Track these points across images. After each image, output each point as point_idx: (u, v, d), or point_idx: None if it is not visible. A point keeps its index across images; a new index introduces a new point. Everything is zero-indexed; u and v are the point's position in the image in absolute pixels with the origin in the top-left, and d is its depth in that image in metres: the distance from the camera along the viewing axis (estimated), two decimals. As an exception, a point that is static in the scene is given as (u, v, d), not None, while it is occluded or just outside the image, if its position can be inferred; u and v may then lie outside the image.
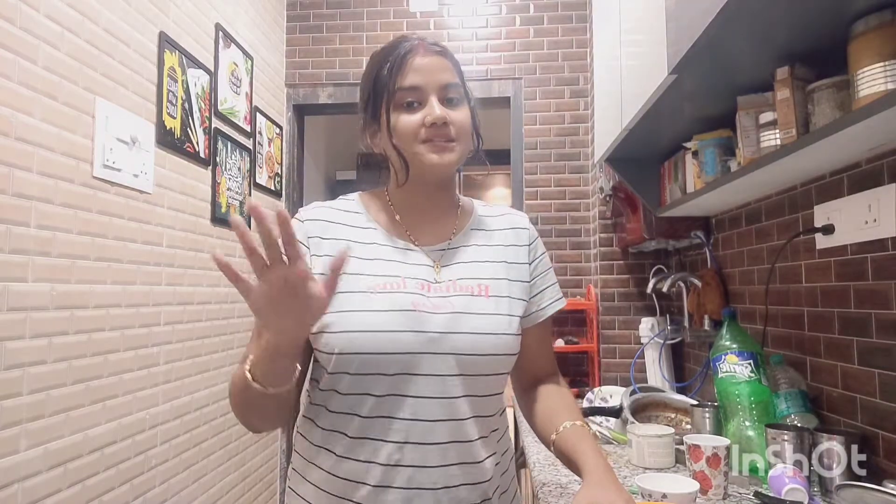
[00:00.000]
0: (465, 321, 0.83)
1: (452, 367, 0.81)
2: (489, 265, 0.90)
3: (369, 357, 0.79)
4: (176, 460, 1.92)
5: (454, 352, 0.81)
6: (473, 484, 0.83)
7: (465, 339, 0.82)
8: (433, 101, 0.84)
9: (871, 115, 0.86)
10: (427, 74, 0.84)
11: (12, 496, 1.30)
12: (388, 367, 0.80)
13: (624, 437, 1.47)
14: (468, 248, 0.91)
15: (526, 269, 0.94)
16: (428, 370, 0.80)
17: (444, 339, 0.81)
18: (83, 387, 1.52)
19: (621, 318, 2.49)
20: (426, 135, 0.83)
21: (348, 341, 0.79)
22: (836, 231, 1.21)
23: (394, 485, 0.79)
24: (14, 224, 1.32)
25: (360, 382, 0.81)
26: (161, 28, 1.88)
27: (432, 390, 0.81)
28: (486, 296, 0.86)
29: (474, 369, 0.83)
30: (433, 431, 0.80)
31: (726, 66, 1.18)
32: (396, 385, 0.80)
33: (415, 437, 0.80)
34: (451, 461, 0.81)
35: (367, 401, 0.81)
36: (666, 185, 1.84)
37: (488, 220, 0.96)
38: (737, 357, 1.31)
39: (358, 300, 0.81)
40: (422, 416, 0.80)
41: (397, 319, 0.80)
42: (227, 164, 2.29)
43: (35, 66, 1.39)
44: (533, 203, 2.72)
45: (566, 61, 2.78)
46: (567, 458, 0.84)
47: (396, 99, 0.84)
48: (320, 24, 2.91)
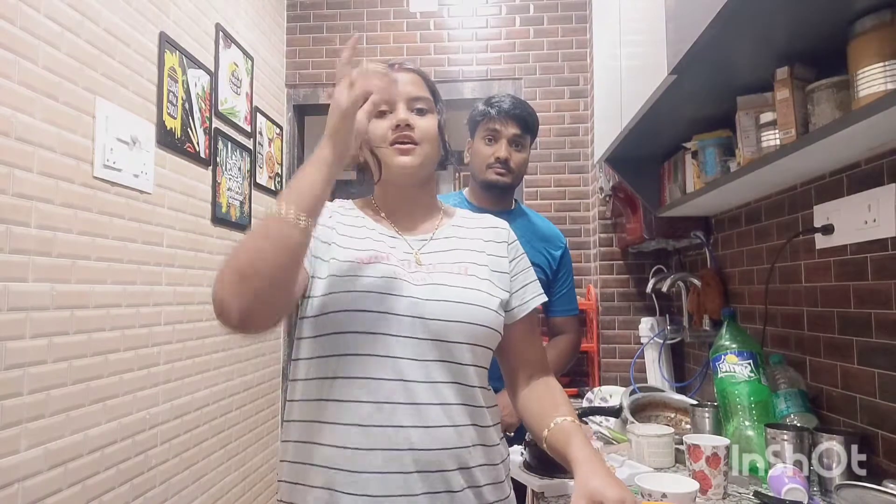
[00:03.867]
0: (441, 291, 0.88)
1: (425, 331, 0.86)
2: (469, 253, 0.96)
3: (353, 314, 0.84)
4: (176, 460, 1.92)
5: (428, 316, 0.86)
6: (450, 449, 0.84)
7: (439, 305, 0.87)
8: (400, 107, 0.93)
9: (870, 115, 0.86)
10: (399, 86, 0.92)
11: (12, 496, 1.30)
12: (370, 326, 0.84)
13: (624, 437, 1.48)
14: (449, 240, 0.98)
15: (506, 263, 0.99)
16: (407, 332, 0.85)
17: (420, 304, 0.86)
18: (83, 387, 1.52)
19: (621, 318, 2.49)
20: (392, 137, 0.92)
21: (335, 301, 0.85)
22: (836, 231, 1.22)
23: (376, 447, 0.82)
24: (14, 224, 1.32)
25: (336, 342, 0.85)
26: (161, 28, 1.89)
27: (411, 352, 0.85)
28: (465, 274, 0.92)
29: (446, 335, 0.86)
30: (412, 392, 0.84)
31: (726, 66, 1.18)
32: (376, 345, 0.84)
33: (396, 398, 0.83)
34: (429, 423, 0.83)
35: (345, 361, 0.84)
36: (666, 185, 1.85)
37: (469, 221, 1.03)
38: (736, 357, 1.31)
39: (346, 267, 0.88)
40: (402, 377, 0.84)
41: (380, 283, 0.86)
42: (228, 164, 2.29)
43: (35, 66, 1.39)
44: (533, 203, 2.72)
45: (566, 61, 2.78)
46: (559, 452, 0.87)
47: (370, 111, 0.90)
48: (320, 25, 2.91)
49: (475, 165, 1.59)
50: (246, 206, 2.45)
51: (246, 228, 2.43)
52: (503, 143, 1.54)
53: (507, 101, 1.55)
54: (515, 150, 1.55)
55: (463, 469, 0.85)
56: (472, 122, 1.61)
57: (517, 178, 1.58)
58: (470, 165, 1.62)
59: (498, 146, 1.54)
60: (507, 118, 1.53)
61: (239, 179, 2.39)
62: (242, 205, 2.41)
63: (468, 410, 0.87)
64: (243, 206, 2.42)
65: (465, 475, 0.85)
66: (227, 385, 2.24)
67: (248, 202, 2.48)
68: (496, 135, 1.54)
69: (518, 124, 1.54)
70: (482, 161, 1.55)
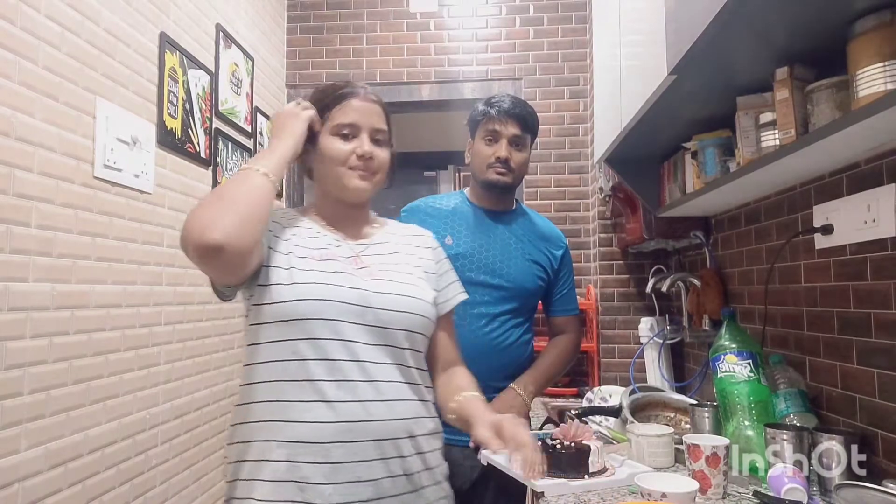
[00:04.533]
0: (385, 285, 1.01)
1: (381, 318, 0.98)
2: (402, 255, 1.10)
3: (306, 303, 0.94)
4: (176, 460, 1.92)
5: (375, 305, 0.98)
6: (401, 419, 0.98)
7: (384, 297, 1.00)
8: (364, 138, 1.04)
9: (870, 115, 0.86)
10: (364, 116, 1.04)
11: (13, 496, 1.30)
12: (326, 313, 0.95)
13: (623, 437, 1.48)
14: (386, 244, 1.10)
15: (433, 265, 1.14)
16: (358, 319, 0.97)
17: (368, 295, 0.98)
18: (84, 387, 1.52)
19: (621, 318, 2.49)
20: (355, 163, 1.03)
21: (293, 290, 0.94)
22: (836, 231, 1.22)
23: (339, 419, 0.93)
24: (15, 224, 1.33)
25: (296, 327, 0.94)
26: (162, 28, 1.89)
27: (363, 337, 0.96)
28: (404, 272, 1.06)
29: (390, 323, 0.99)
30: (367, 370, 0.95)
31: (726, 66, 1.18)
32: (333, 330, 0.95)
33: (354, 376, 0.95)
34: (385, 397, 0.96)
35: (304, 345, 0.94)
36: (665, 186, 1.85)
37: (399, 229, 1.17)
38: (736, 357, 1.31)
39: (303, 263, 0.98)
40: (357, 358, 0.95)
41: (333, 276, 0.98)
42: (228, 164, 2.29)
43: (36, 66, 1.39)
44: (533, 203, 2.72)
45: (566, 62, 2.78)
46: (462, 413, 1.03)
47: (333, 129, 1.04)
48: (321, 25, 2.92)
49: (475, 165, 1.59)
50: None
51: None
52: (503, 142, 1.53)
53: (506, 100, 1.55)
54: (516, 149, 1.55)
55: (411, 437, 0.98)
56: (472, 122, 1.61)
57: (518, 177, 1.58)
58: (470, 165, 1.62)
59: (498, 146, 1.53)
60: (507, 118, 1.53)
61: (239, 179, 2.39)
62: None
63: (411, 388, 1.01)
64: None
65: (413, 443, 0.99)
66: (227, 385, 2.25)
67: (248, 202, 2.48)
68: (496, 135, 1.54)
69: (518, 124, 1.54)
70: (482, 161, 1.55)
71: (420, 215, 1.60)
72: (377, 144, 1.06)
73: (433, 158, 4.33)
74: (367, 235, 1.11)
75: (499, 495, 1.47)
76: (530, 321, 1.63)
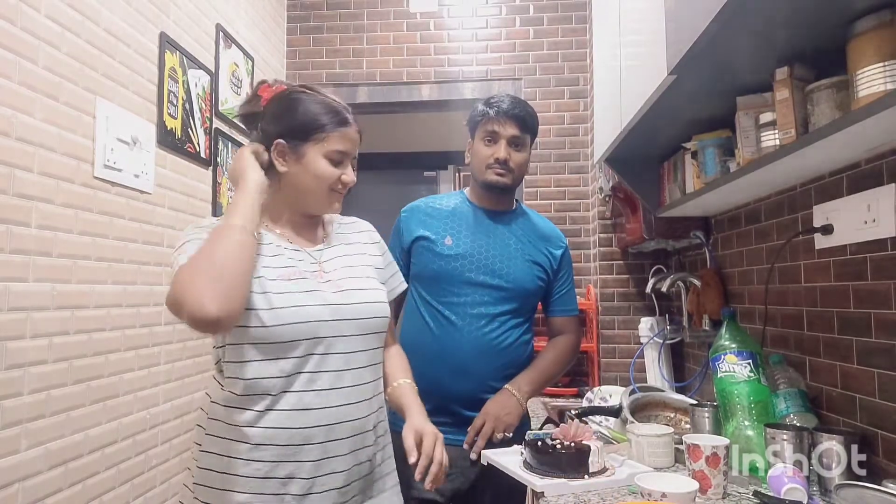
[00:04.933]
0: (353, 294, 1.11)
1: (352, 327, 1.09)
2: (356, 257, 1.20)
3: (290, 327, 1.01)
4: (176, 460, 1.92)
5: (352, 316, 1.09)
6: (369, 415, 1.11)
7: (353, 307, 1.09)
8: (350, 166, 1.14)
9: (870, 115, 0.86)
10: (353, 145, 1.13)
11: (13, 496, 1.30)
12: (304, 334, 1.03)
13: (623, 437, 1.48)
14: (339, 247, 1.19)
15: (379, 260, 1.25)
16: (334, 332, 1.06)
17: (341, 309, 1.08)
18: (84, 387, 1.52)
19: (621, 318, 2.49)
20: (337, 187, 1.12)
21: (275, 315, 1.01)
22: (836, 231, 1.22)
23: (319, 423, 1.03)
24: (15, 224, 1.33)
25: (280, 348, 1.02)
26: (162, 28, 1.89)
27: (341, 347, 1.07)
28: (363, 277, 1.16)
29: (366, 327, 1.11)
30: (343, 378, 1.07)
31: (726, 66, 1.18)
32: (310, 347, 1.04)
33: (334, 384, 1.05)
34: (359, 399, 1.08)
35: (288, 362, 1.02)
36: (665, 186, 1.85)
37: (345, 227, 1.25)
38: (736, 357, 1.31)
39: (276, 285, 1.04)
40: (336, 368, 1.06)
41: (306, 297, 1.05)
42: (228, 164, 2.29)
43: (36, 66, 1.39)
44: (533, 203, 2.72)
45: (566, 62, 2.78)
46: (396, 403, 1.20)
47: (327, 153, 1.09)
48: (321, 25, 2.92)
49: (475, 166, 1.58)
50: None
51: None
52: (502, 143, 1.52)
53: (506, 101, 1.53)
54: (515, 150, 1.53)
55: (376, 426, 1.13)
56: (471, 122, 1.60)
57: (517, 178, 1.57)
58: (470, 166, 1.61)
59: (497, 147, 1.52)
60: (506, 118, 1.51)
61: (239, 179, 2.39)
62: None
63: (376, 384, 1.15)
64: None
65: (375, 432, 1.12)
66: (227, 385, 2.25)
67: (249, 202, 2.48)
68: (495, 136, 1.53)
69: (517, 124, 1.52)
70: (482, 162, 1.54)
71: (420, 215, 1.60)
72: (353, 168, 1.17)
73: (433, 158, 4.33)
74: (320, 239, 1.19)
75: (498, 495, 1.47)
76: (530, 321, 1.63)
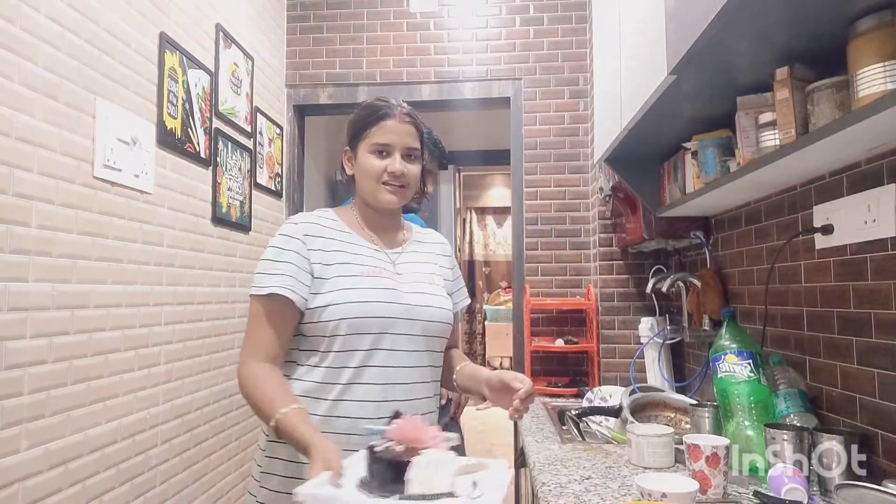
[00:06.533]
0: (425, 298, 1.19)
1: (419, 328, 1.16)
2: (430, 265, 1.27)
3: (361, 320, 1.10)
4: (176, 460, 1.92)
5: (421, 318, 1.16)
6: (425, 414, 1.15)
7: (427, 310, 1.18)
8: (397, 156, 1.18)
9: (870, 115, 0.86)
10: (398, 136, 1.18)
11: (13, 496, 1.30)
12: (373, 328, 1.11)
13: (623, 437, 1.48)
14: (415, 253, 1.27)
15: (449, 272, 1.32)
16: (403, 330, 1.13)
17: (414, 309, 1.15)
18: (84, 387, 1.52)
19: (621, 318, 2.49)
20: (386, 178, 1.17)
21: (347, 310, 1.09)
22: (836, 231, 1.22)
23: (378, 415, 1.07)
24: (15, 224, 1.32)
25: (350, 340, 1.10)
26: (162, 28, 1.89)
27: (404, 345, 1.13)
28: (433, 283, 1.24)
29: (433, 331, 1.18)
30: (405, 374, 1.13)
31: (726, 66, 1.18)
32: (378, 341, 1.11)
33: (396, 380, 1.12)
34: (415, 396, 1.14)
35: (356, 355, 1.10)
36: (665, 185, 1.85)
37: (423, 236, 1.34)
38: (736, 357, 1.31)
39: (353, 281, 1.12)
40: (402, 364, 1.12)
41: (382, 294, 1.13)
42: (228, 164, 2.30)
43: (36, 66, 1.39)
44: (533, 203, 2.72)
45: (566, 62, 2.78)
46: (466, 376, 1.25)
47: (370, 147, 1.18)
48: (321, 25, 2.92)
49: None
50: (246, 206, 2.45)
51: (246, 228, 2.43)
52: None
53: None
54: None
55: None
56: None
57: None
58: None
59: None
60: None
61: (239, 179, 2.39)
62: (243, 205, 2.41)
63: (434, 385, 1.21)
64: (243, 206, 2.42)
65: None
66: (226, 385, 2.24)
67: (249, 202, 2.48)
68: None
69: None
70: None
71: None
72: (409, 161, 1.20)
73: (433, 158, 4.32)
74: (400, 242, 1.27)
75: None
76: None
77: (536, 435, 1.62)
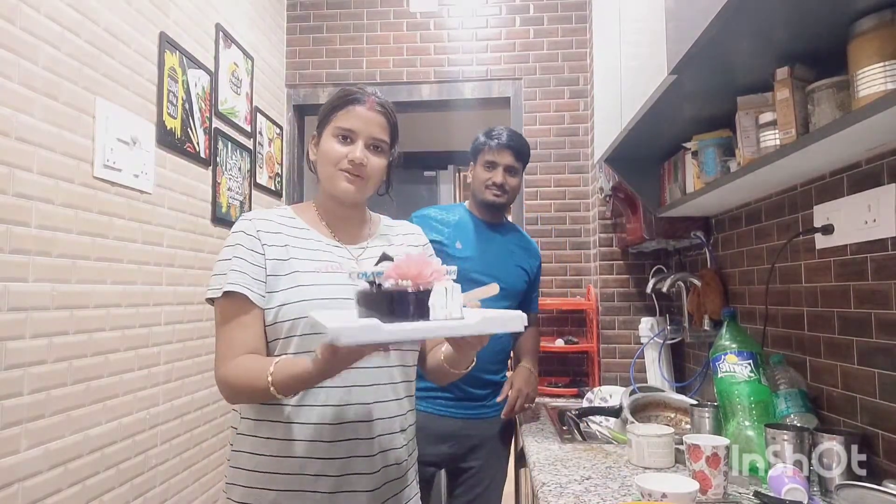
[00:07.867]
0: None
1: None
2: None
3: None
4: (176, 460, 1.92)
5: None
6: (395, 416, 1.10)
7: None
8: (360, 144, 1.10)
9: (870, 115, 0.86)
10: (364, 123, 1.10)
11: (12, 496, 1.30)
12: None
13: (624, 437, 1.48)
14: (379, 247, 1.16)
15: None
16: None
17: None
18: (83, 387, 1.52)
19: (621, 318, 2.49)
20: (345, 166, 1.10)
21: (303, 308, 1.02)
22: (836, 231, 1.22)
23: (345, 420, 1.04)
24: (14, 224, 1.32)
25: (307, 341, 1.02)
26: (161, 28, 1.89)
27: None
28: None
29: None
30: (369, 375, 1.06)
31: (726, 66, 1.18)
32: None
33: (359, 382, 1.05)
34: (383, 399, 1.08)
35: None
36: (666, 185, 1.85)
37: (391, 228, 1.24)
38: (736, 357, 1.31)
39: (309, 278, 1.06)
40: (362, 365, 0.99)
41: (340, 290, 1.04)
42: (228, 164, 2.29)
43: (36, 66, 1.39)
44: (533, 203, 2.72)
45: (566, 62, 2.78)
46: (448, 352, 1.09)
47: (333, 130, 1.10)
48: (320, 25, 2.91)
49: (475, 186, 1.90)
50: (246, 206, 2.45)
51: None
52: (500, 170, 1.84)
53: (504, 134, 1.86)
54: (510, 176, 1.85)
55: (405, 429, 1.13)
56: (473, 150, 1.91)
57: (511, 198, 1.91)
58: (471, 185, 1.93)
59: (495, 172, 1.84)
60: (504, 149, 1.83)
61: (239, 179, 2.39)
62: (242, 205, 2.41)
63: (407, 385, 1.15)
64: (243, 206, 2.42)
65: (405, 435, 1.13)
66: (227, 385, 2.24)
67: (249, 202, 2.48)
68: (494, 164, 1.85)
69: (513, 154, 1.84)
70: (481, 183, 1.86)
71: (431, 222, 1.88)
72: (374, 152, 1.12)
73: (433, 158, 4.32)
74: (363, 237, 1.19)
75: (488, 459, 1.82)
76: None
77: (536, 435, 1.62)
